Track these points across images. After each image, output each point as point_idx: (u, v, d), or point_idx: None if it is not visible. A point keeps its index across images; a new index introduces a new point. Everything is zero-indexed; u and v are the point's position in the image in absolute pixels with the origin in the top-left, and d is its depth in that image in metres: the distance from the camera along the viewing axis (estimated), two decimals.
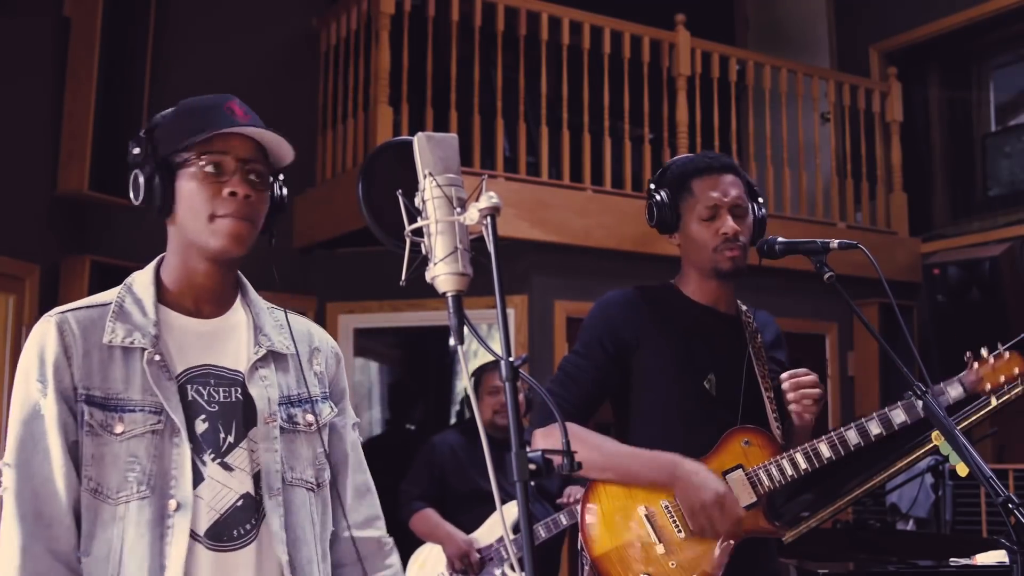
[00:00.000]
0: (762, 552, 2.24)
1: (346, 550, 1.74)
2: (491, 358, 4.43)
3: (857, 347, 6.52)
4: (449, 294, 1.21)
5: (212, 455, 1.57)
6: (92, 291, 4.89)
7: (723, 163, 2.30)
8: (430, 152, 1.24)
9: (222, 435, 1.58)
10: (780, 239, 2.21)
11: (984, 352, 2.21)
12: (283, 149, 1.63)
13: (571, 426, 2.17)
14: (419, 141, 1.24)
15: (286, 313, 1.73)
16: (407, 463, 4.16)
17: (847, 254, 2.18)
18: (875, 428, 2.17)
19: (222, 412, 1.59)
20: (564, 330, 5.49)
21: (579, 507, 2.27)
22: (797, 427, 2.22)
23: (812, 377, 2.19)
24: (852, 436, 2.18)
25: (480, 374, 4.14)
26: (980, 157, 7.04)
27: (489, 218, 1.19)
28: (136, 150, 1.63)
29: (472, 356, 5.38)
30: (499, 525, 3.77)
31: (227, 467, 1.57)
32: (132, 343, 1.56)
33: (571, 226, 5.45)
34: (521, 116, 5.59)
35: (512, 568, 3.75)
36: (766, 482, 2.18)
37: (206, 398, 1.59)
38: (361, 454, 1.82)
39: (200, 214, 1.57)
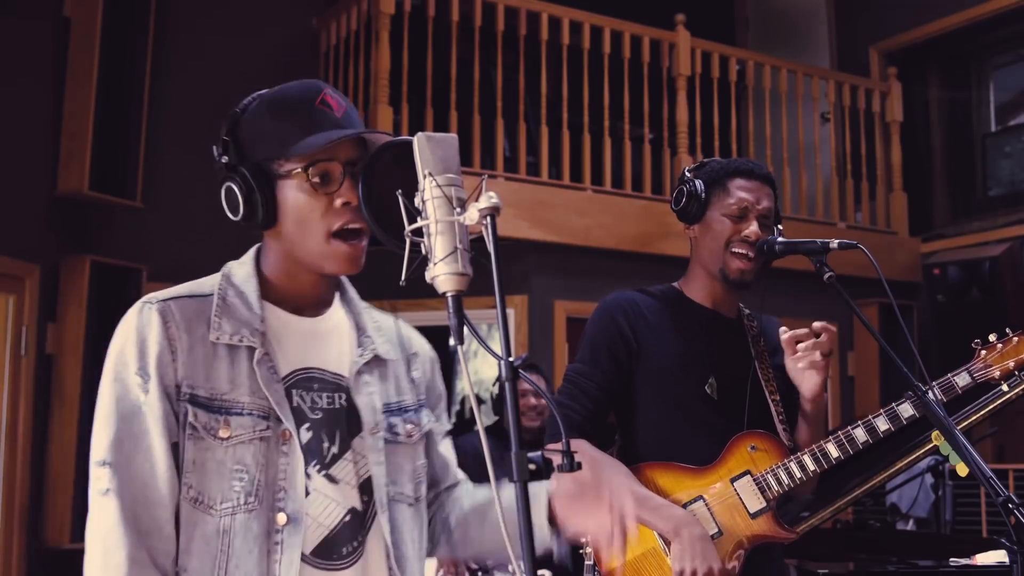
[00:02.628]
0: (766, 554, 2.23)
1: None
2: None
3: (857, 347, 6.52)
4: (449, 294, 1.21)
5: (316, 466, 1.44)
6: (92, 291, 4.92)
7: (766, 174, 2.28)
8: (430, 152, 1.24)
9: (326, 444, 1.46)
10: (780, 239, 2.21)
11: (992, 338, 2.19)
12: (382, 141, 1.48)
13: (584, 448, 2.14)
14: (419, 141, 1.24)
15: (395, 318, 1.61)
16: None
17: (847, 254, 2.18)
18: (883, 424, 2.15)
19: (326, 420, 1.47)
20: (564, 330, 5.49)
21: None
22: (808, 406, 2.17)
23: (807, 331, 2.13)
24: (860, 434, 2.15)
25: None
26: (980, 157, 7.04)
27: (489, 218, 1.19)
28: (224, 158, 1.46)
29: (472, 356, 5.39)
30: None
31: (332, 479, 1.45)
32: (240, 341, 1.42)
33: (571, 226, 5.45)
34: (521, 116, 5.59)
35: None
36: (775, 487, 2.16)
37: (309, 404, 1.46)
38: (455, 460, 1.71)
39: (314, 232, 1.43)
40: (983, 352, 2.18)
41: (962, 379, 2.16)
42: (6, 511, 4.32)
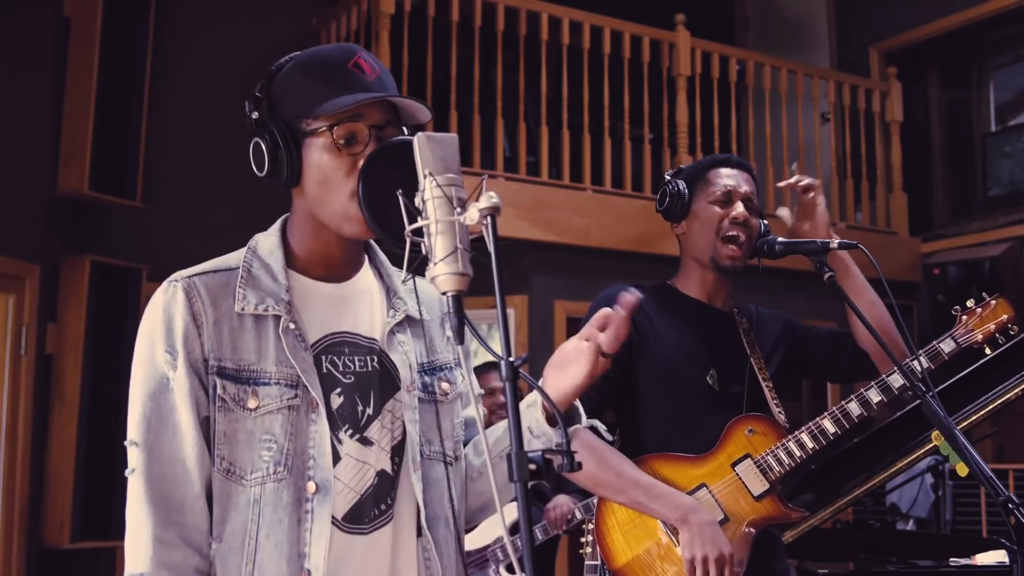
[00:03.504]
0: (770, 552, 2.24)
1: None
2: (490, 358, 4.46)
3: None
4: (449, 294, 1.21)
5: (350, 431, 1.44)
6: (92, 291, 4.93)
7: (742, 161, 2.34)
8: (430, 152, 1.24)
9: (360, 408, 1.46)
10: (780, 239, 2.22)
11: (971, 303, 2.23)
12: (416, 110, 1.47)
13: (590, 440, 2.16)
14: (419, 141, 1.24)
15: (415, 279, 1.56)
16: None
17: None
18: (875, 396, 2.17)
19: (359, 383, 1.46)
20: (564, 330, 5.49)
21: (574, 523, 2.27)
22: (839, 264, 2.25)
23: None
24: (854, 407, 2.18)
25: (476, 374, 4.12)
26: (980, 157, 7.04)
27: (489, 218, 1.19)
28: (255, 114, 1.45)
29: (472, 356, 5.38)
30: (497, 526, 3.76)
31: (366, 442, 1.45)
32: (266, 310, 1.43)
33: (571, 226, 5.45)
34: (521, 116, 5.59)
35: (509, 570, 3.73)
36: (776, 467, 2.18)
37: (341, 369, 1.46)
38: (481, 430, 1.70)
39: (336, 192, 1.42)
40: (964, 317, 2.23)
41: (947, 345, 2.20)
42: (6, 511, 4.32)
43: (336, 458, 1.43)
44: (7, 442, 4.34)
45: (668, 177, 2.36)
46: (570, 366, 1.44)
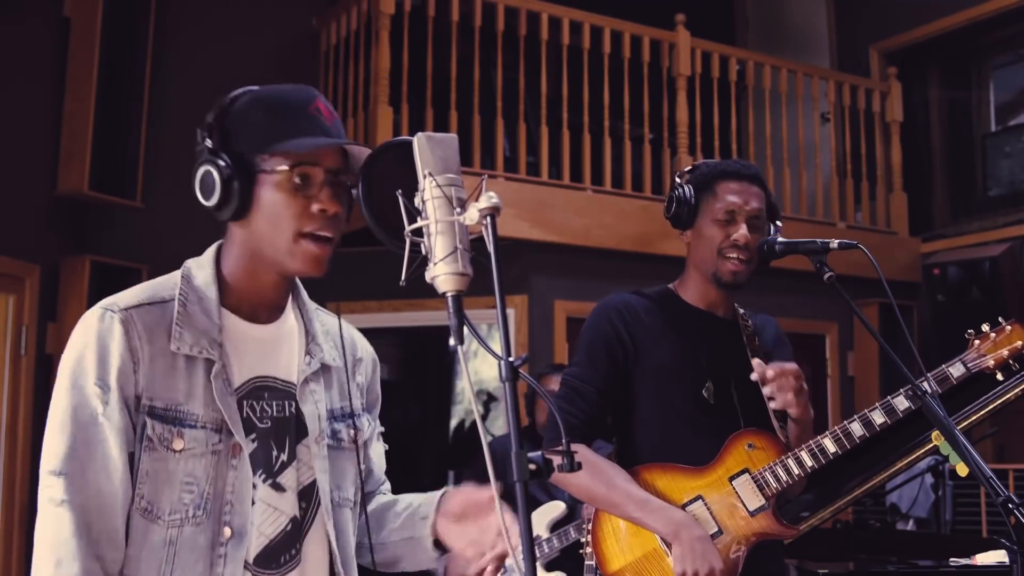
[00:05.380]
0: (765, 552, 2.23)
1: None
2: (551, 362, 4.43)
3: (857, 347, 6.52)
4: (449, 294, 1.21)
5: (263, 476, 1.45)
6: (92, 291, 4.92)
7: (752, 173, 2.27)
8: (430, 152, 1.23)
9: (275, 453, 1.47)
10: (780, 239, 2.21)
11: (986, 328, 2.18)
12: (364, 156, 1.47)
13: (584, 452, 2.16)
14: (419, 141, 1.24)
15: (339, 318, 1.62)
16: (408, 463, 4.16)
17: (847, 254, 2.18)
18: (879, 418, 2.15)
19: (275, 428, 1.47)
20: (564, 330, 5.49)
21: (588, 524, 2.26)
22: (795, 426, 2.18)
23: (775, 371, 2.09)
24: (856, 428, 2.15)
25: (538, 377, 4.09)
26: (980, 157, 7.03)
27: (489, 218, 1.19)
28: (208, 142, 1.43)
29: (472, 356, 5.39)
30: (539, 522, 3.74)
31: (278, 488, 1.47)
32: (199, 352, 1.43)
33: (571, 226, 5.45)
34: (521, 116, 5.59)
35: (547, 568, 3.72)
36: (773, 484, 2.16)
37: (258, 414, 1.47)
38: (383, 464, 1.73)
39: (284, 231, 1.43)
40: (977, 342, 2.18)
41: (957, 369, 2.16)
42: (6, 511, 4.32)
43: (251, 503, 1.44)
44: (7, 442, 4.34)
45: (678, 180, 2.31)
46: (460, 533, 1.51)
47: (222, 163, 1.41)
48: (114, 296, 1.46)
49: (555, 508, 3.75)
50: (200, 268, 1.50)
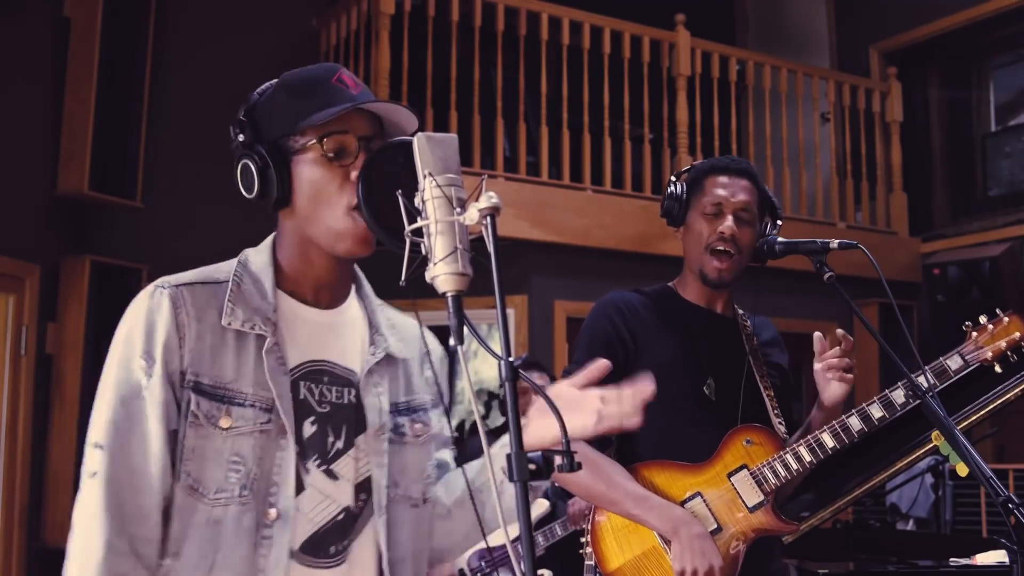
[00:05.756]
0: (765, 551, 2.23)
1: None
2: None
3: (857, 347, 6.50)
4: (449, 294, 1.21)
5: (317, 461, 1.42)
6: (92, 291, 4.93)
7: (741, 167, 2.27)
8: (430, 152, 1.23)
9: (331, 439, 1.44)
10: (780, 239, 2.21)
11: (983, 320, 2.18)
12: (403, 117, 1.45)
13: (583, 449, 2.15)
14: (419, 141, 1.24)
15: (410, 316, 1.59)
16: None
17: (847, 254, 2.18)
18: (877, 412, 2.15)
19: (333, 414, 1.45)
20: (564, 330, 5.49)
21: (587, 523, 2.26)
22: (825, 408, 2.18)
23: (841, 349, 2.16)
24: (854, 423, 2.15)
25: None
26: (980, 157, 7.04)
27: (489, 218, 1.19)
28: (240, 136, 1.43)
29: (472, 356, 5.39)
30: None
31: (332, 475, 1.43)
32: (251, 328, 1.40)
33: (571, 226, 5.45)
34: (521, 116, 5.59)
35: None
36: (772, 479, 2.16)
37: (317, 398, 1.44)
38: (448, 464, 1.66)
39: (331, 206, 1.40)
40: (974, 334, 2.17)
41: (954, 362, 2.15)
42: (6, 511, 4.32)
43: (300, 487, 1.41)
44: (7, 442, 4.34)
45: (673, 178, 2.32)
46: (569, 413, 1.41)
47: (255, 154, 1.41)
48: (168, 276, 1.44)
49: (538, 506, 3.75)
50: (257, 254, 1.50)
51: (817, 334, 2.17)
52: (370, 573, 1.47)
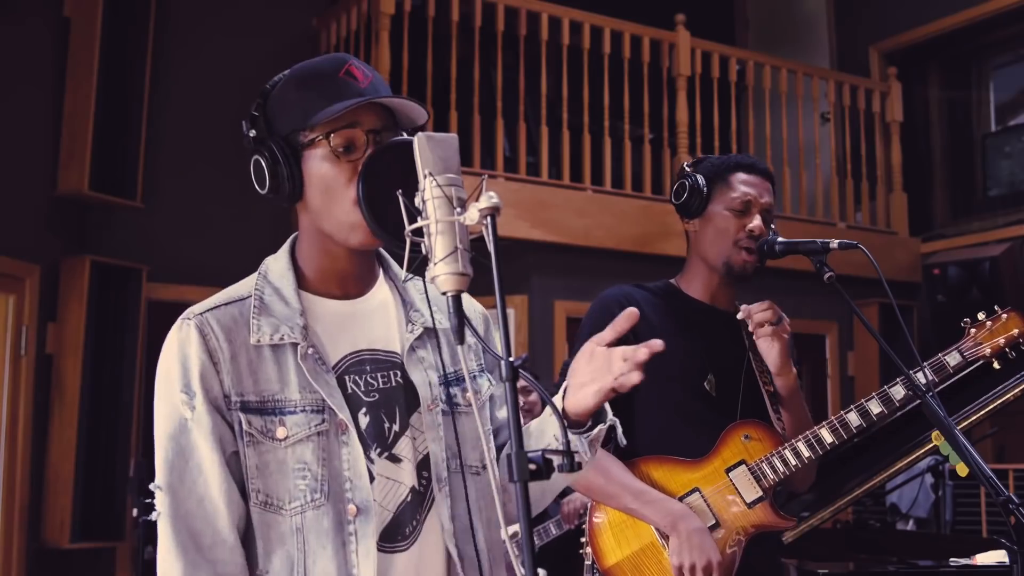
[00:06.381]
0: (763, 550, 2.23)
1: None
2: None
3: (857, 347, 6.52)
4: (449, 294, 1.21)
5: (379, 450, 1.43)
6: (92, 291, 4.94)
7: (767, 169, 2.29)
8: (430, 152, 1.23)
9: (387, 425, 1.44)
10: (780, 239, 2.21)
11: (981, 316, 2.18)
12: (412, 111, 1.45)
13: None
14: (419, 141, 1.24)
15: (426, 285, 1.54)
16: None
17: (847, 254, 2.18)
18: (876, 407, 2.15)
19: (384, 400, 1.45)
20: (564, 330, 5.49)
21: (585, 520, 2.26)
22: (780, 386, 2.18)
23: (764, 303, 2.14)
24: (853, 418, 2.15)
25: None
26: (980, 157, 7.04)
27: (489, 218, 1.19)
28: (252, 132, 1.44)
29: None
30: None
31: (395, 459, 1.44)
32: (282, 339, 1.41)
33: (571, 226, 5.45)
34: (521, 116, 5.59)
35: None
36: (770, 475, 2.16)
37: (364, 388, 1.44)
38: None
39: (338, 201, 1.41)
40: (973, 331, 2.18)
41: (953, 358, 2.16)
42: (6, 511, 4.32)
43: (371, 479, 1.42)
44: (7, 442, 4.34)
45: (687, 169, 2.31)
46: (595, 377, 1.44)
47: (265, 150, 1.42)
48: (193, 306, 1.45)
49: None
50: (276, 261, 1.50)
51: (742, 307, 2.19)
52: (441, 549, 1.47)
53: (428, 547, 1.45)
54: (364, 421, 1.43)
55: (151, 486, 1.40)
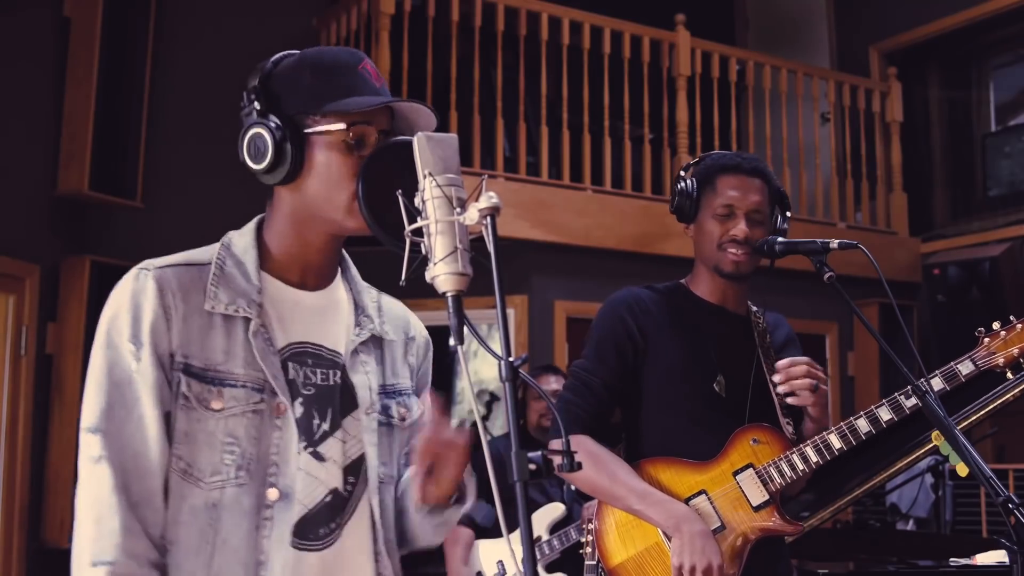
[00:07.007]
0: (772, 552, 2.23)
1: None
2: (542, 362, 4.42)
3: (857, 347, 6.52)
4: (449, 294, 1.21)
5: (304, 443, 1.41)
6: (92, 291, 4.93)
7: (753, 166, 2.26)
8: (430, 152, 1.24)
9: (316, 421, 1.42)
10: (780, 239, 2.20)
11: (996, 325, 2.16)
12: (422, 117, 1.45)
13: (587, 444, 2.16)
14: (419, 141, 1.24)
15: (395, 299, 1.59)
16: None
17: (847, 254, 2.17)
18: (885, 414, 2.14)
19: (318, 396, 1.44)
20: (564, 330, 5.49)
21: (592, 521, 2.26)
22: (813, 420, 2.17)
23: (802, 367, 2.09)
24: (863, 425, 2.14)
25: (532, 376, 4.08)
26: (980, 157, 7.04)
27: (489, 218, 1.19)
28: (257, 104, 1.41)
29: (472, 356, 5.38)
30: (540, 522, 3.73)
31: (319, 457, 1.42)
32: (236, 311, 1.40)
33: (571, 226, 5.45)
34: (521, 116, 5.59)
35: (548, 570, 3.72)
36: (777, 479, 2.16)
37: (303, 379, 1.43)
38: None
39: (343, 190, 1.40)
40: (987, 340, 2.16)
41: (965, 367, 2.15)
42: (6, 511, 4.32)
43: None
44: (7, 442, 4.34)
45: (682, 173, 2.31)
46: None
47: (273, 125, 1.39)
48: (151, 259, 1.43)
49: (555, 510, 3.74)
50: (240, 236, 1.49)
51: (777, 365, 2.14)
52: (362, 555, 1.46)
53: (347, 553, 1.44)
54: (298, 411, 1.42)
55: (85, 428, 1.37)
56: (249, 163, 1.42)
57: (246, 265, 1.44)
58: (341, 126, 1.40)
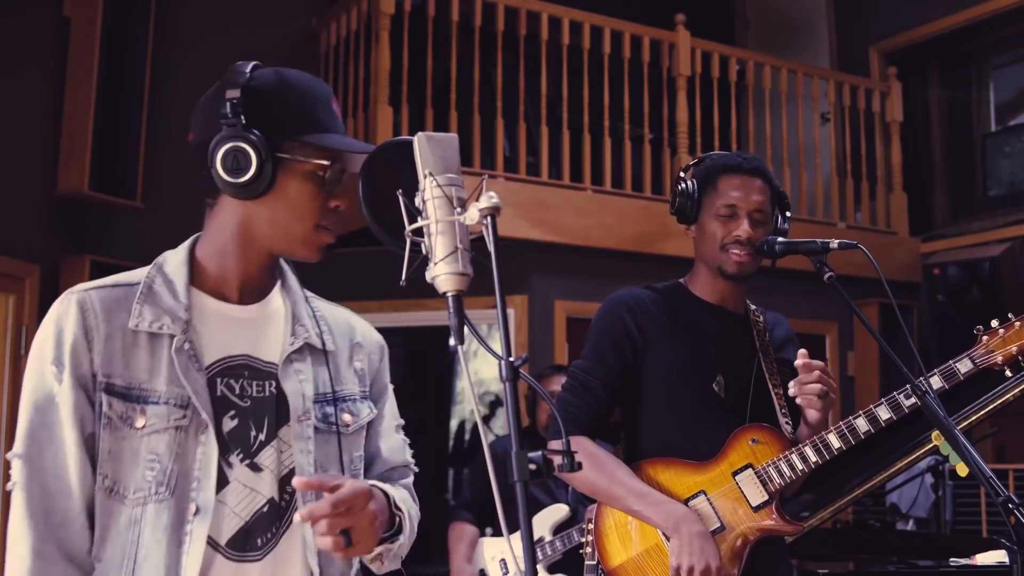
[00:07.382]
0: (772, 553, 2.23)
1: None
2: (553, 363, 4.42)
3: (857, 347, 6.52)
4: (449, 294, 1.21)
5: (240, 455, 1.43)
6: None
7: (754, 166, 2.25)
8: (430, 152, 1.24)
9: (252, 432, 1.44)
10: (780, 239, 2.20)
11: (994, 323, 2.16)
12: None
13: (586, 445, 2.16)
14: (419, 141, 1.24)
15: (341, 308, 1.63)
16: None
17: (847, 254, 2.17)
18: (884, 413, 2.13)
19: (254, 408, 1.45)
20: (564, 330, 5.49)
21: (590, 524, 2.26)
22: (810, 426, 2.17)
23: (815, 374, 2.09)
24: (861, 424, 2.14)
25: (539, 378, 4.07)
26: (980, 157, 7.04)
27: (489, 218, 1.19)
28: (242, 118, 1.41)
29: (472, 356, 5.39)
30: (541, 523, 3.73)
31: (256, 468, 1.44)
32: (160, 329, 1.41)
33: (571, 226, 5.45)
34: (521, 116, 5.59)
35: (550, 571, 3.72)
36: (776, 479, 2.16)
37: (237, 392, 1.45)
38: (397, 457, 1.65)
39: (306, 221, 1.44)
40: (985, 338, 2.16)
41: (964, 365, 2.14)
42: (6, 511, 4.32)
43: (224, 482, 1.42)
44: (7, 442, 4.34)
45: (682, 174, 2.30)
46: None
47: (259, 142, 1.40)
48: (83, 283, 1.46)
49: (558, 511, 3.74)
50: (175, 255, 1.51)
51: (801, 352, 2.12)
52: (298, 565, 1.47)
53: (285, 561, 1.45)
54: (230, 425, 1.43)
55: (8, 455, 1.40)
56: (222, 173, 1.40)
57: (175, 283, 1.46)
58: (326, 161, 1.43)
